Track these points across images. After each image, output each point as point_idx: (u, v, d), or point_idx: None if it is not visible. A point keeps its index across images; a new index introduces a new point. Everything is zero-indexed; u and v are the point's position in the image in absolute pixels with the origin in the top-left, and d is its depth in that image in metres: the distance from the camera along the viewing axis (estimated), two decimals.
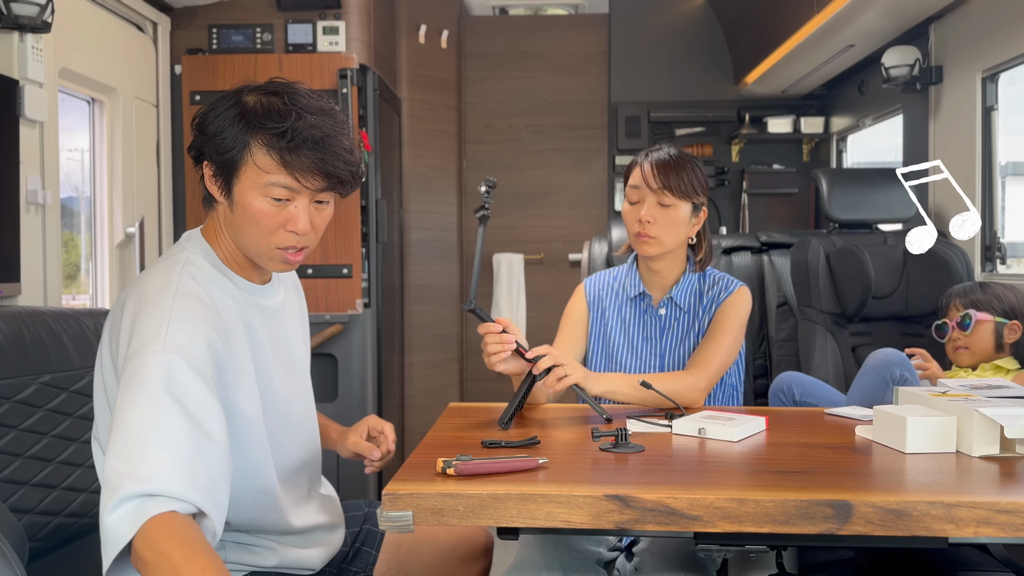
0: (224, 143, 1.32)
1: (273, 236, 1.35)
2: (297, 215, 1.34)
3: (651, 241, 1.87)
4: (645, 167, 1.89)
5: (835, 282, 2.80)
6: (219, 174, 1.34)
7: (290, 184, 1.32)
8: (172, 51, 3.22)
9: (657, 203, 1.87)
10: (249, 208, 1.33)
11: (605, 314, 1.99)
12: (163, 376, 1.18)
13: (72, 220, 2.85)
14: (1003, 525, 1.11)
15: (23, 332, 1.66)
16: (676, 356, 1.94)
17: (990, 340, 2.23)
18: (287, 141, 1.30)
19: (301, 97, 1.35)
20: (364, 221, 3.25)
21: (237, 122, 1.32)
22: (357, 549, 1.67)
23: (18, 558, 1.29)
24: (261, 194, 1.32)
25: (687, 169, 1.88)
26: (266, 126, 1.30)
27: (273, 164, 1.31)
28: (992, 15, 2.87)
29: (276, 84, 1.37)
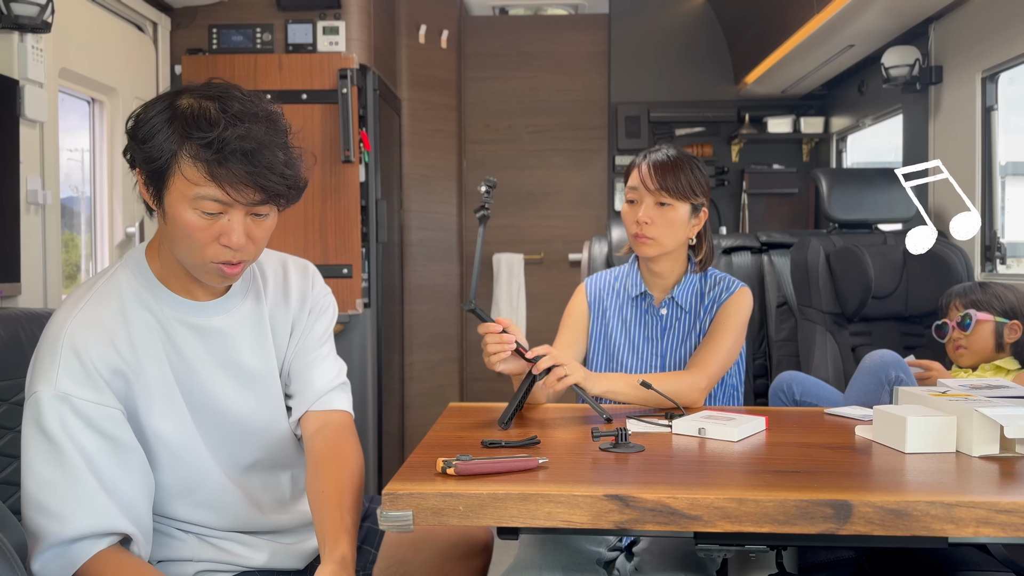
0: (152, 151, 1.24)
1: (206, 250, 1.27)
2: (231, 228, 1.26)
3: (649, 242, 1.87)
4: (643, 168, 1.89)
5: (835, 282, 2.80)
6: (149, 183, 1.28)
7: (220, 197, 1.24)
8: (172, 51, 3.22)
9: (655, 203, 1.86)
10: (180, 221, 1.25)
11: (606, 314, 1.99)
12: (58, 421, 1.21)
13: (72, 220, 2.85)
14: (1003, 525, 1.11)
15: (19, 334, 1.66)
16: (677, 356, 1.94)
17: (990, 340, 2.23)
18: (214, 152, 1.21)
19: (236, 102, 1.26)
20: (364, 221, 3.25)
21: (166, 128, 1.24)
22: (357, 547, 1.67)
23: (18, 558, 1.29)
24: (191, 207, 1.25)
25: (686, 170, 1.87)
26: (193, 135, 1.22)
27: (201, 176, 1.23)
28: (992, 15, 2.87)
29: (214, 86, 1.29)
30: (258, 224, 1.31)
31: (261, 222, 1.31)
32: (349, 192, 3.18)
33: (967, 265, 2.77)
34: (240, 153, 1.22)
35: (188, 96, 1.28)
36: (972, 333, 2.23)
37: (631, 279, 1.99)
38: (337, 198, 3.19)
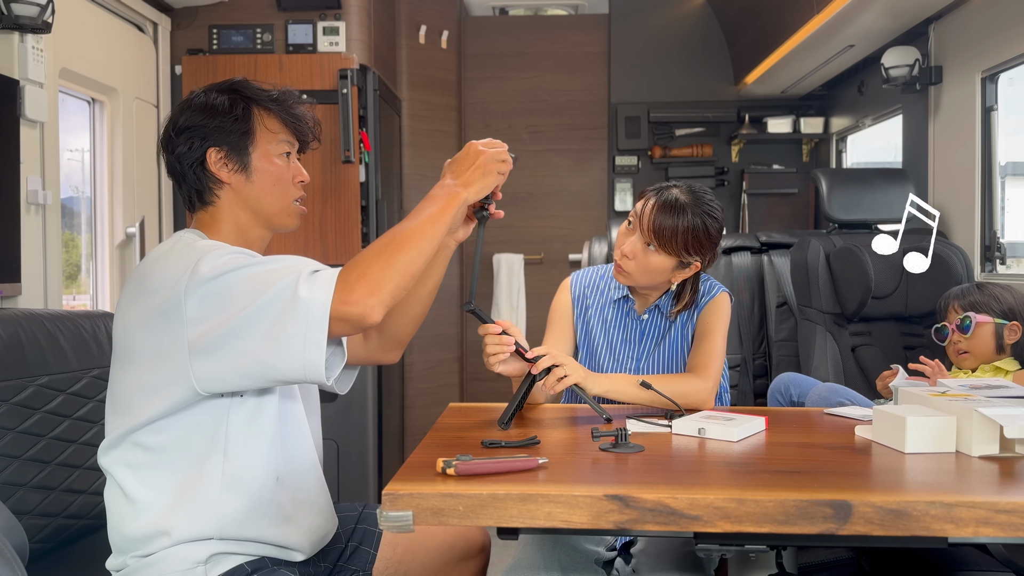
0: (230, 121, 1.47)
1: (290, 190, 1.52)
2: (299, 168, 1.55)
3: (624, 275, 1.85)
4: (649, 203, 1.80)
5: (835, 282, 2.80)
6: (232, 153, 1.47)
7: (291, 140, 1.53)
8: (172, 51, 3.22)
9: (644, 242, 1.80)
10: (270, 169, 1.50)
11: (588, 311, 1.98)
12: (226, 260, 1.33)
13: (72, 220, 2.85)
14: (1003, 525, 1.11)
15: (20, 335, 1.66)
16: (654, 358, 1.93)
17: (990, 342, 2.23)
18: (279, 104, 1.52)
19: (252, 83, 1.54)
20: (364, 221, 3.25)
21: (236, 100, 1.49)
22: (355, 548, 1.67)
23: (19, 559, 1.29)
24: (275, 153, 1.50)
25: (685, 221, 1.76)
26: (262, 96, 1.51)
27: (278, 124, 1.52)
28: (992, 15, 2.87)
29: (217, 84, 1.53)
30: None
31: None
32: (349, 192, 3.19)
33: (967, 265, 2.77)
34: (293, 103, 1.54)
35: (211, 92, 1.51)
36: (972, 336, 2.23)
37: (612, 282, 1.97)
38: (337, 198, 3.19)
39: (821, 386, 2.21)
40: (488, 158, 1.48)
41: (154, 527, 1.38)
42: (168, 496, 1.38)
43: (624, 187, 4.68)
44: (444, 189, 1.45)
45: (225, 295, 1.30)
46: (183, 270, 1.33)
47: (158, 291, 1.34)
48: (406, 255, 1.34)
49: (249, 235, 1.53)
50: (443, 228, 1.40)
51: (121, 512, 1.41)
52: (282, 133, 1.52)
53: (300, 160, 1.57)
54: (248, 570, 1.42)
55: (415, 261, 1.36)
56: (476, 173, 1.47)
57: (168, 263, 1.37)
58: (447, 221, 1.41)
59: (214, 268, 1.32)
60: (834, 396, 2.10)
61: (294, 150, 1.54)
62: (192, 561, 1.38)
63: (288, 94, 1.55)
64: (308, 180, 1.55)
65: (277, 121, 1.52)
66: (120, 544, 1.43)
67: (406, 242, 1.35)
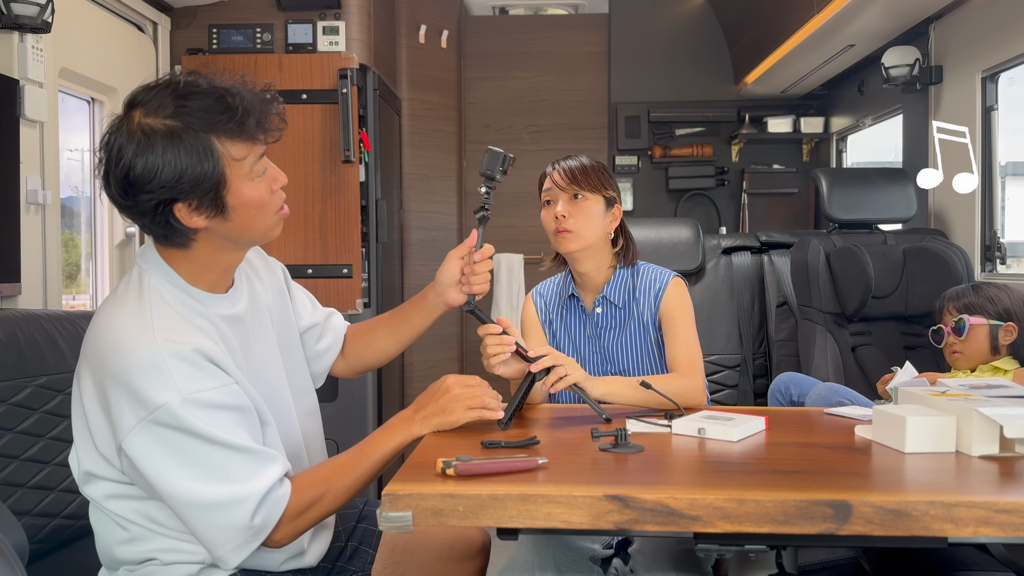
0: (197, 172, 1.27)
1: (271, 206, 1.39)
2: (276, 172, 1.40)
3: (568, 235, 1.92)
4: (555, 173, 2.00)
5: (835, 282, 2.79)
6: (204, 202, 1.29)
7: (260, 151, 1.36)
8: (172, 51, 3.22)
9: (570, 198, 1.95)
10: (251, 200, 1.35)
11: (550, 316, 2.05)
12: (199, 419, 1.26)
13: (72, 220, 2.85)
14: (1003, 525, 1.11)
15: (18, 335, 1.66)
16: (616, 351, 1.96)
17: (985, 344, 2.23)
18: (238, 121, 1.30)
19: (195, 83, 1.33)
20: (364, 221, 3.25)
21: (196, 144, 1.27)
22: (355, 548, 1.67)
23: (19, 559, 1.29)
24: (250, 179, 1.34)
25: (595, 169, 1.98)
26: (219, 123, 1.28)
27: (246, 147, 1.32)
28: (992, 15, 2.87)
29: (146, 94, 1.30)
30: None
31: None
32: (349, 192, 3.19)
33: (967, 265, 2.77)
34: (251, 107, 1.32)
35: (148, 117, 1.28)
36: (967, 338, 2.23)
37: (564, 284, 2.05)
38: (337, 198, 3.19)
39: (821, 386, 2.21)
40: (452, 399, 1.48)
41: (143, 555, 1.37)
42: (155, 531, 1.37)
43: (624, 187, 4.68)
44: (402, 423, 1.47)
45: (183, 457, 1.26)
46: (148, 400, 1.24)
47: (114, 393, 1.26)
48: (347, 493, 1.40)
49: (224, 262, 1.41)
50: (388, 462, 1.44)
51: (108, 536, 1.39)
52: (251, 154, 1.33)
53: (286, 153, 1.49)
54: None
55: (349, 499, 1.41)
56: (435, 409, 1.47)
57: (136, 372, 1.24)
58: (394, 455, 1.45)
59: (182, 424, 1.25)
60: (834, 396, 2.10)
61: (264, 155, 1.37)
62: (184, 574, 1.38)
63: (248, 102, 1.32)
64: (286, 180, 1.41)
65: (243, 144, 1.31)
66: (110, 563, 1.42)
67: (348, 483, 1.39)
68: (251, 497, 1.28)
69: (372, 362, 1.77)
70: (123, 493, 1.36)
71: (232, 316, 1.42)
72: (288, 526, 1.34)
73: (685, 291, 1.96)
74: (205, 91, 1.31)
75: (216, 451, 1.27)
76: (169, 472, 1.26)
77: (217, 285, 1.42)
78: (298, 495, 1.34)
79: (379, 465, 1.43)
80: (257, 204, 1.36)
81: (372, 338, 1.75)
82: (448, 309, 1.70)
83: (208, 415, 1.27)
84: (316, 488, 1.37)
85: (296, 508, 1.34)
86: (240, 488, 1.28)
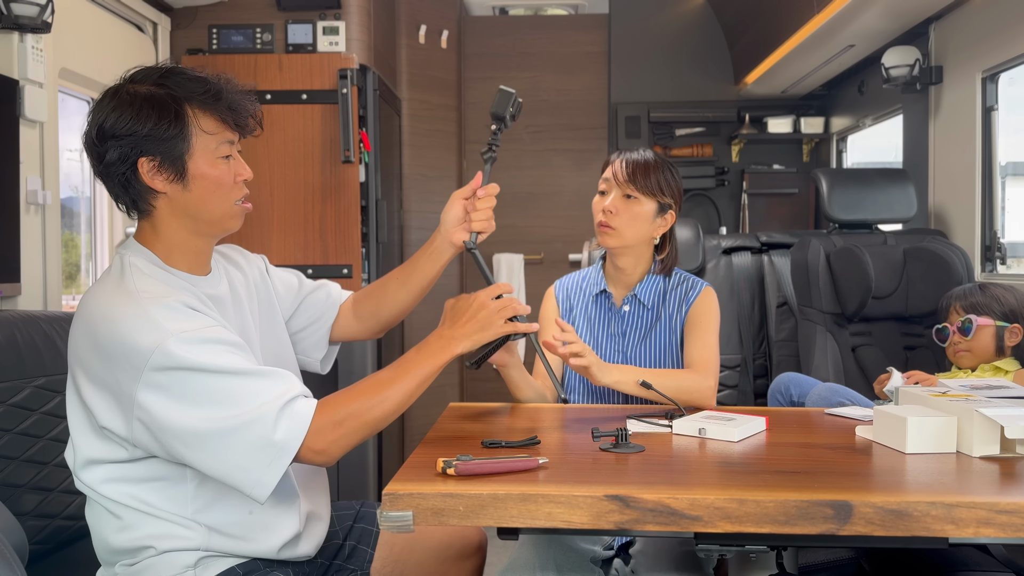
0: (163, 128, 1.34)
1: (231, 193, 1.42)
2: (241, 164, 1.43)
3: (611, 232, 1.91)
4: (617, 163, 1.95)
5: (835, 282, 2.79)
6: (166, 162, 1.36)
7: (232, 138, 1.41)
8: (172, 51, 3.22)
9: (622, 196, 1.92)
10: (209, 177, 1.39)
11: (573, 311, 2.04)
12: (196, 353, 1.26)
13: (72, 220, 2.85)
14: (1003, 525, 1.11)
15: (16, 336, 1.66)
16: (638, 352, 1.95)
17: (991, 344, 2.23)
18: (215, 99, 1.38)
19: (182, 68, 1.42)
20: (364, 221, 3.25)
21: (167, 102, 1.35)
22: (352, 547, 1.67)
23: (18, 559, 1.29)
24: (214, 156, 1.39)
25: (657, 170, 1.92)
26: (196, 92, 1.37)
27: (217, 123, 1.39)
28: (992, 15, 2.87)
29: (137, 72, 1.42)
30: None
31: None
32: (349, 192, 3.18)
33: (967, 265, 2.77)
34: (228, 93, 1.40)
35: (139, 83, 1.39)
36: (973, 338, 2.23)
37: (593, 278, 2.04)
38: (337, 198, 3.18)
39: (821, 386, 2.21)
40: (491, 312, 1.45)
41: (138, 542, 1.37)
42: (149, 513, 1.37)
43: None
44: (439, 341, 1.44)
45: (189, 394, 1.26)
46: (142, 349, 1.25)
47: (109, 361, 1.28)
48: (385, 410, 1.35)
49: (192, 244, 1.43)
50: (429, 381, 1.41)
51: (103, 527, 1.40)
52: (221, 133, 1.39)
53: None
54: (240, 572, 1.41)
55: (392, 415, 1.36)
56: (473, 326, 1.45)
57: (124, 330, 1.27)
58: (435, 375, 1.41)
59: (179, 360, 1.25)
60: (834, 396, 2.10)
61: (235, 146, 1.43)
62: (181, 566, 1.37)
63: (226, 84, 1.42)
64: (251, 177, 1.45)
65: (215, 120, 1.39)
66: (107, 557, 1.42)
67: (388, 398, 1.35)
68: (267, 414, 1.26)
69: (388, 317, 1.76)
70: (120, 476, 1.36)
71: (213, 296, 1.46)
72: (324, 437, 1.29)
73: (716, 302, 1.95)
74: (190, 74, 1.41)
75: (219, 379, 1.27)
76: (181, 414, 1.26)
77: (194, 267, 1.45)
78: (327, 406, 1.31)
79: (420, 384, 1.39)
80: (216, 182, 1.39)
81: (383, 293, 1.74)
82: (456, 252, 1.68)
83: (201, 348, 1.27)
84: (349, 402, 1.33)
85: (327, 420, 1.30)
86: (252, 407, 1.26)
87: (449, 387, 4.33)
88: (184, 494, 1.37)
